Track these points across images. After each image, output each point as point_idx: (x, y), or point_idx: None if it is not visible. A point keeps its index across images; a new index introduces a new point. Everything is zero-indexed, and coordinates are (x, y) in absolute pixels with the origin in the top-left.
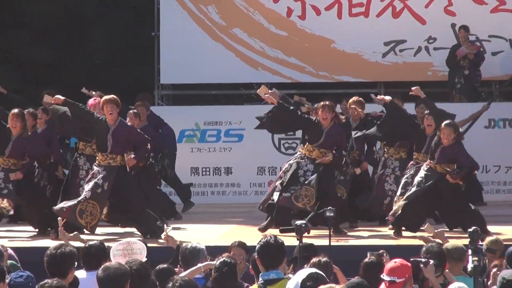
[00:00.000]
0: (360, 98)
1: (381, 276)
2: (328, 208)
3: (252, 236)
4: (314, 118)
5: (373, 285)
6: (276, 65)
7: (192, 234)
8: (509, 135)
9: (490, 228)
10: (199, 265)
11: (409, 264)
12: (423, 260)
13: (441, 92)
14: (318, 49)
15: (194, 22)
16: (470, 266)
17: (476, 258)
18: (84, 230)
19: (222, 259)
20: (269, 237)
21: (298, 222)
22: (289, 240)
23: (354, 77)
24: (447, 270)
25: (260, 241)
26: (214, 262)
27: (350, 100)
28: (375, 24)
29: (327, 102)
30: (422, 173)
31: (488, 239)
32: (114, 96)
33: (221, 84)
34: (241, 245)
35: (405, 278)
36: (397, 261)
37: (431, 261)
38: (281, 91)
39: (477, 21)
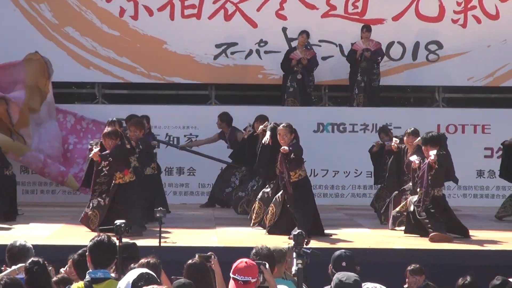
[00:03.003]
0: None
1: (233, 276)
2: (159, 208)
3: (79, 236)
4: None
5: (197, 286)
6: (107, 64)
7: (20, 232)
8: (337, 139)
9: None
10: (14, 267)
11: (254, 263)
12: (263, 262)
13: (273, 95)
14: (150, 49)
15: (26, 20)
16: (294, 269)
17: (300, 261)
18: None
19: (31, 259)
20: (103, 236)
21: (118, 222)
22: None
23: (185, 78)
24: None
25: (93, 239)
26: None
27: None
28: (207, 26)
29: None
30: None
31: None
32: None
33: (53, 83)
34: None
35: (257, 277)
36: (246, 261)
37: (267, 264)
38: (112, 91)
39: (308, 25)
